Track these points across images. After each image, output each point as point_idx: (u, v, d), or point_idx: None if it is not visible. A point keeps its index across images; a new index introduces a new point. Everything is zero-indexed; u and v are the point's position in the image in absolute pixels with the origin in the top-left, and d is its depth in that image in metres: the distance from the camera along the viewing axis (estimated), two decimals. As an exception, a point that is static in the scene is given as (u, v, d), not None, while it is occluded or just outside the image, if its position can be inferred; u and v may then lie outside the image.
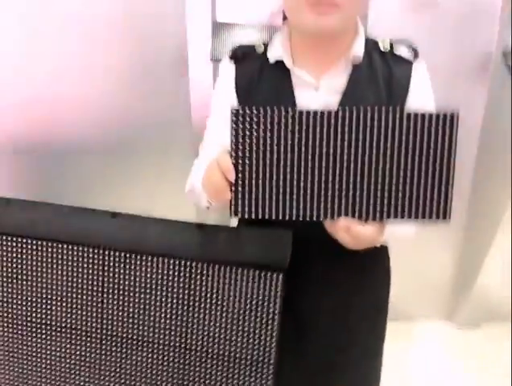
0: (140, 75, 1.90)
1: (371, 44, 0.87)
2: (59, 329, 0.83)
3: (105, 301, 0.81)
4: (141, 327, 0.80)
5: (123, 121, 1.94)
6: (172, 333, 0.80)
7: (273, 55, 0.86)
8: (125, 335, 0.81)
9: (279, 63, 0.86)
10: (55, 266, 0.81)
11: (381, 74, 0.85)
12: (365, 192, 0.71)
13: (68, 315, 0.82)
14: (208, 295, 0.79)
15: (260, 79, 0.87)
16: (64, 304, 0.81)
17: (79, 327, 0.82)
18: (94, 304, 0.81)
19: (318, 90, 0.84)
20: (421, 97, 0.87)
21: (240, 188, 0.71)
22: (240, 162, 0.70)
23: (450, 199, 0.71)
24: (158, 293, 0.80)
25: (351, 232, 0.70)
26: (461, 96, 2.04)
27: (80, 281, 0.81)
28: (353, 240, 0.71)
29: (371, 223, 0.71)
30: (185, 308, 0.80)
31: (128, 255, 0.80)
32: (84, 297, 0.81)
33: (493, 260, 2.16)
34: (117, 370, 0.81)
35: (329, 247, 0.76)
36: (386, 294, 1.01)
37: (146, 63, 1.90)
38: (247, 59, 0.90)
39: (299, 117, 0.68)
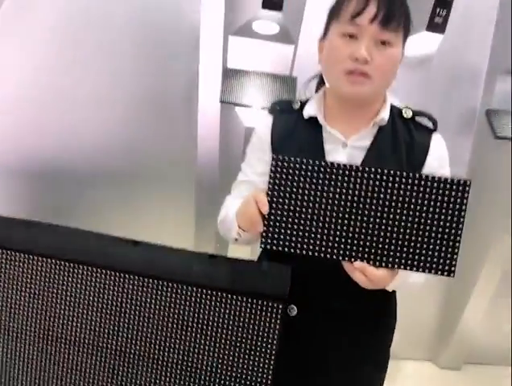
0: (153, 112, 2.05)
1: (395, 111, 0.97)
2: (77, 344, 0.91)
3: (121, 320, 0.89)
4: (153, 345, 0.89)
5: (135, 151, 2.07)
6: (181, 352, 0.88)
7: (308, 113, 0.97)
8: (137, 353, 0.90)
9: (312, 120, 0.96)
10: (80, 287, 0.90)
11: (402, 138, 0.94)
12: (381, 242, 0.79)
13: (87, 331, 0.90)
14: (215, 320, 0.88)
15: (294, 132, 0.98)
16: (84, 321, 0.90)
17: (95, 343, 0.90)
18: (112, 322, 0.89)
19: (345, 147, 0.95)
20: (438, 163, 0.95)
21: (271, 223, 0.81)
22: (274, 200, 0.81)
23: (456, 258, 0.77)
24: (171, 316, 0.88)
25: (366, 272, 0.79)
26: (448, 146, 2.20)
27: (102, 302, 0.90)
28: (367, 280, 0.79)
29: (383, 269, 0.79)
30: (193, 330, 0.88)
31: (145, 279, 0.89)
32: (104, 315, 0.90)
33: (473, 309, 2.27)
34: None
35: (346, 288, 0.85)
36: (391, 338, 1.08)
37: (159, 101, 2.04)
38: (284, 113, 1.01)
39: (330, 168, 0.78)
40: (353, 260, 0.80)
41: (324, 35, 0.95)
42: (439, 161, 0.95)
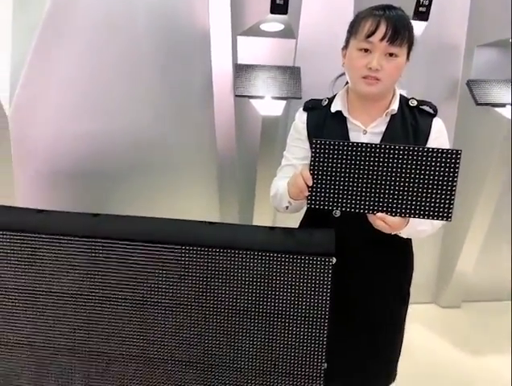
0: (175, 108, 2.27)
1: (403, 100, 1.23)
2: (173, 307, 1.19)
3: (208, 285, 1.17)
4: (233, 303, 1.17)
5: (161, 144, 2.30)
6: (258, 302, 1.17)
7: (334, 108, 1.24)
8: (221, 306, 1.18)
9: (338, 113, 1.23)
10: (172, 264, 1.17)
11: (409, 123, 1.20)
12: (396, 198, 1.06)
13: (185, 295, 1.18)
14: (281, 278, 1.15)
15: (324, 123, 1.25)
16: (179, 289, 1.17)
17: (188, 304, 1.18)
18: (199, 288, 1.17)
19: (366, 134, 1.22)
20: (438, 142, 1.20)
21: (314, 189, 1.09)
22: (315, 172, 1.08)
23: (452, 207, 1.05)
24: (248, 279, 1.16)
25: (386, 220, 1.07)
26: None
27: (192, 274, 1.17)
28: (387, 226, 1.07)
29: (398, 217, 1.07)
30: (265, 285, 1.16)
31: (222, 250, 1.16)
32: (192, 284, 1.17)
33: (468, 252, 2.60)
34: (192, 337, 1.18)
35: (368, 240, 1.15)
36: (410, 281, 1.37)
37: (179, 98, 2.27)
38: (315, 110, 1.28)
39: (356, 146, 1.05)
40: (375, 212, 1.08)
41: (346, 46, 1.21)
42: (438, 140, 1.22)
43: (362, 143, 1.06)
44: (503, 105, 2.24)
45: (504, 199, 2.48)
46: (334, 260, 1.14)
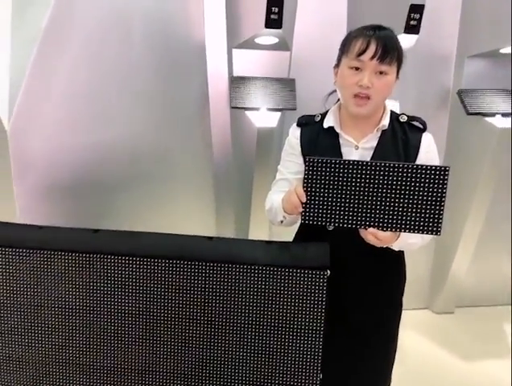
0: (172, 119, 2.31)
1: (394, 116, 1.27)
2: (175, 319, 1.22)
3: (208, 298, 1.20)
4: (231, 316, 1.20)
5: (158, 155, 2.33)
6: (249, 315, 1.20)
7: (327, 124, 1.28)
8: (220, 319, 1.21)
9: (331, 129, 1.27)
10: (171, 280, 1.20)
11: (400, 138, 1.24)
12: (386, 213, 1.10)
13: (182, 308, 1.21)
14: (276, 290, 1.19)
15: (317, 139, 1.28)
16: (176, 304, 1.20)
17: (187, 315, 1.21)
18: (198, 302, 1.20)
19: (357, 149, 1.25)
20: (427, 156, 1.24)
21: (308, 205, 1.13)
22: (309, 190, 1.12)
23: (441, 222, 1.08)
24: (240, 294, 1.19)
25: (377, 235, 1.11)
26: (428, 125, 2.53)
27: (187, 290, 1.20)
28: (378, 240, 1.11)
29: (389, 232, 1.11)
30: (262, 298, 1.20)
31: (221, 265, 1.19)
32: (192, 299, 1.20)
33: (461, 259, 2.64)
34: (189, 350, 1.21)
35: (361, 253, 1.18)
36: (403, 291, 1.41)
37: (176, 109, 2.30)
38: (308, 125, 1.32)
39: (347, 164, 1.09)
40: (367, 227, 1.12)
41: (338, 64, 1.25)
42: (428, 154, 1.25)
43: (353, 161, 1.10)
44: (493, 115, 2.29)
45: (495, 207, 2.53)
46: (329, 272, 1.18)
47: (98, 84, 2.12)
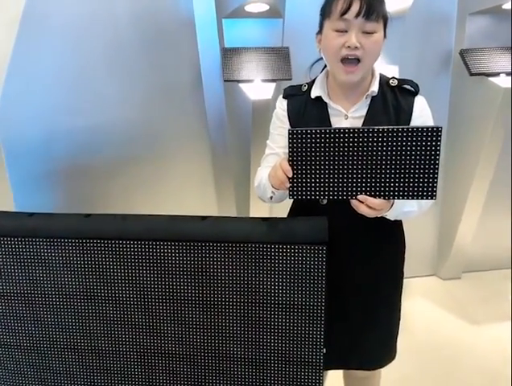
0: (164, 99, 2.24)
1: (384, 80, 1.20)
2: (170, 302, 1.20)
3: (203, 279, 1.18)
4: (229, 294, 1.18)
5: (153, 135, 2.29)
6: (253, 293, 1.18)
7: (314, 93, 1.21)
8: (218, 300, 1.19)
9: (319, 99, 1.20)
10: (166, 261, 1.18)
11: (390, 103, 1.17)
12: (377, 180, 1.04)
13: (180, 288, 1.19)
14: (277, 267, 1.16)
15: (305, 110, 1.22)
16: (173, 282, 1.18)
17: (182, 297, 1.19)
18: (193, 282, 1.18)
19: (347, 118, 1.19)
20: (421, 120, 1.17)
21: (294, 180, 1.07)
22: (295, 163, 1.05)
23: (436, 185, 1.02)
24: (241, 272, 1.17)
25: (367, 202, 1.04)
26: (429, 87, 2.45)
27: (182, 272, 1.18)
28: (368, 208, 1.05)
29: (381, 199, 1.04)
30: (259, 276, 1.17)
31: (215, 244, 1.16)
32: (187, 280, 1.18)
33: (466, 224, 2.60)
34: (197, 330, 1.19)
35: (357, 225, 1.13)
36: (403, 260, 1.37)
37: (168, 87, 2.24)
38: (295, 96, 1.25)
39: (332, 132, 1.02)
40: (357, 195, 1.05)
41: (320, 31, 1.17)
42: (421, 118, 1.18)
43: (336, 129, 1.03)
44: (497, 74, 2.20)
45: (501, 169, 2.47)
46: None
47: (85, 64, 2.06)
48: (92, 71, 2.07)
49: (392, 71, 2.21)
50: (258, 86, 2.10)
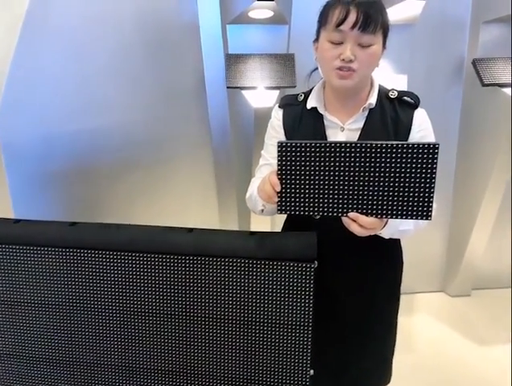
0: (167, 104, 2.22)
1: (383, 92, 1.15)
2: (153, 313, 1.16)
3: (187, 292, 1.14)
4: (214, 309, 1.13)
5: (156, 141, 2.26)
6: (237, 310, 1.13)
7: (310, 104, 1.16)
8: (202, 316, 1.14)
9: (315, 109, 1.16)
10: (148, 273, 1.14)
11: (389, 116, 1.11)
12: (370, 198, 0.98)
13: (162, 301, 1.15)
14: (261, 284, 1.11)
15: (301, 120, 1.17)
16: (156, 296, 1.14)
17: (167, 311, 1.15)
18: (177, 295, 1.14)
19: (343, 130, 1.15)
20: (420, 135, 1.12)
21: (283, 195, 1.02)
22: (283, 177, 1.01)
23: (431, 205, 0.96)
24: (226, 287, 1.12)
25: (358, 220, 0.99)
26: (441, 97, 2.37)
27: (166, 285, 1.14)
28: (361, 228, 0.99)
29: (372, 218, 0.98)
30: (245, 293, 1.12)
31: (201, 258, 1.12)
32: (170, 294, 1.14)
33: (476, 240, 2.51)
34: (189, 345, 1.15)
35: (352, 240, 1.06)
36: (400, 278, 1.30)
37: (171, 93, 2.21)
38: (291, 106, 1.21)
39: (323, 146, 0.97)
40: (348, 212, 1.00)
41: (317, 38, 1.12)
42: (421, 133, 1.12)
43: (327, 143, 0.98)
44: (510, 85, 2.11)
45: (513, 184, 2.37)
46: (316, 264, 1.09)
47: (88, 68, 2.05)
48: (95, 76, 2.06)
49: (401, 81, 2.15)
50: (261, 93, 2.06)
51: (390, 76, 2.12)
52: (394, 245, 1.25)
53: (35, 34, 1.92)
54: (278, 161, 1.00)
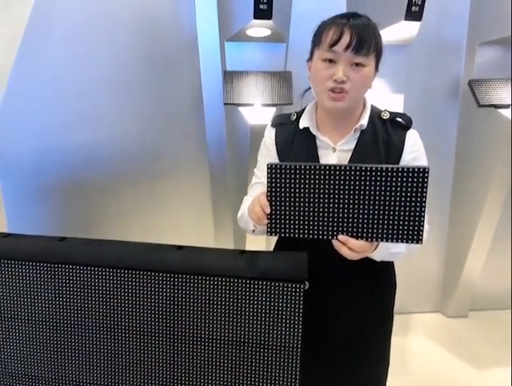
0: (164, 119, 2.23)
1: (375, 112, 1.14)
2: (143, 332, 1.14)
3: (175, 311, 1.12)
4: (204, 327, 1.12)
5: (150, 156, 2.26)
6: (225, 330, 1.11)
7: (302, 124, 1.16)
8: (189, 335, 1.12)
9: (307, 129, 1.16)
10: (138, 290, 1.12)
11: (381, 137, 1.11)
12: (360, 221, 0.98)
13: (150, 320, 1.13)
14: (251, 304, 1.10)
15: (293, 140, 1.17)
16: (143, 315, 1.13)
17: (156, 330, 1.13)
18: (166, 314, 1.12)
19: (335, 151, 1.14)
20: (412, 156, 1.12)
21: (273, 217, 1.02)
22: (273, 199, 1.01)
23: (422, 229, 0.96)
24: (216, 306, 1.11)
25: (348, 243, 0.98)
26: (437, 117, 2.38)
27: (153, 303, 1.12)
28: (351, 251, 0.99)
29: (362, 241, 0.98)
30: (233, 313, 1.11)
31: (189, 277, 1.10)
32: (158, 312, 1.12)
33: (474, 260, 2.49)
34: (182, 365, 1.13)
35: (344, 261, 1.04)
36: (393, 302, 1.27)
37: (169, 108, 2.22)
38: (284, 125, 1.21)
39: (313, 169, 0.96)
40: (338, 235, 0.99)
41: (310, 58, 1.13)
42: (413, 154, 1.12)
43: (317, 165, 0.97)
44: (507, 106, 2.12)
45: (509, 205, 2.36)
46: (307, 285, 1.07)
47: (86, 82, 2.06)
48: (91, 90, 2.07)
49: (397, 100, 2.16)
50: (257, 110, 2.06)
51: (386, 96, 2.13)
52: (387, 267, 1.24)
53: (32, 49, 1.93)
54: (268, 183, 1.00)
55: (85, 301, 1.14)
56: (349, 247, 0.99)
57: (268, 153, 1.23)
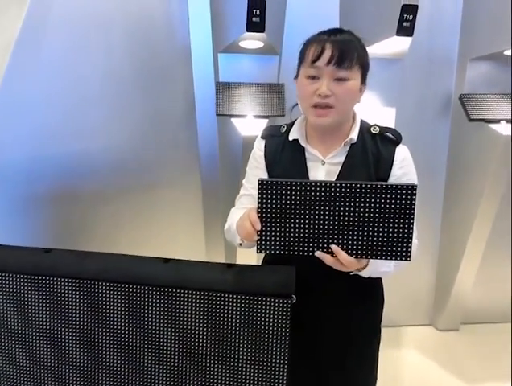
0: (156, 129, 2.23)
1: (365, 127, 1.15)
2: (125, 347, 1.12)
3: (161, 325, 1.11)
4: (190, 341, 1.10)
5: (142, 166, 2.25)
6: (211, 345, 1.10)
7: (292, 136, 1.17)
8: (174, 350, 1.11)
9: (296, 141, 1.16)
10: (123, 304, 1.11)
11: (370, 151, 1.12)
12: (349, 238, 0.97)
13: (135, 335, 1.11)
14: (238, 319, 1.08)
15: (282, 152, 1.17)
16: (131, 328, 1.11)
17: (141, 345, 1.12)
18: (151, 328, 1.11)
19: (324, 164, 1.14)
20: (402, 171, 1.12)
21: (263, 233, 1.01)
22: (263, 215, 1.00)
23: (410, 246, 0.96)
24: (201, 320, 1.09)
25: (339, 256, 0.97)
26: (428, 131, 2.40)
27: (138, 317, 1.11)
28: (339, 263, 0.98)
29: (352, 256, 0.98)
30: (219, 327, 1.09)
31: (175, 290, 1.09)
32: (143, 326, 1.11)
33: (465, 273, 2.49)
34: (166, 376, 1.11)
35: (336, 274, 1.04)
36: (380, 317, 1.27)
37: (161, 118, 2.22)
38: (273, 137, 1.21)
39: (303, 186, 0.96)
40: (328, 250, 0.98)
41: (297, 76, 1.14)
42: (402, 169, 1.12)
43: (308, 182, 0.98)
44: (497, 121, 2.14)
45: (500, 218, 2.37)
46: (294, 299, 1.07)
47: (78, 92, 2.05)
48: (83, 100, 2.07)
49: (389, 114, 2.17)
50: (249, 122, 2.07)
51: (378, 109, 2.14)
52: (375, 282, 1.23)
53: (25, 58, 1.93)
54: (259, 199, 0.99)
55: (70, 314, 1.13)
56: (340, 261, 0.98)
57: (257, 164, 1.23)
